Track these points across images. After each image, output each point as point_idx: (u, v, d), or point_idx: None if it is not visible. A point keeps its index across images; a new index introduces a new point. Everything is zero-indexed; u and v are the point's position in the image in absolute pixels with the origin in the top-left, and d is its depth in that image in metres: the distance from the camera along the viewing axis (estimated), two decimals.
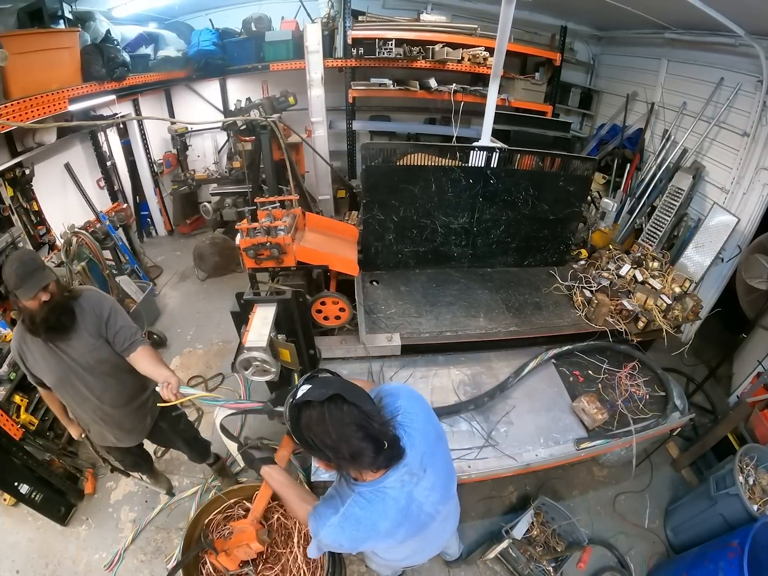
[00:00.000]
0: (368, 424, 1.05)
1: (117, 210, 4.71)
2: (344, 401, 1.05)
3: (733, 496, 2.35)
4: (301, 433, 1.07)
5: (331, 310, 2.43)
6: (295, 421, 1.08)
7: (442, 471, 1.26)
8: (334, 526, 1.16)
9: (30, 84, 3.00)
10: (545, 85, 5.57)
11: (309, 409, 1.06)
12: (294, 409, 1.09)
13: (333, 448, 1.04)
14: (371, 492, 1.13)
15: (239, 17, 5.24)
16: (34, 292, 1.64)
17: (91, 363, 1.86)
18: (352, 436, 1.03)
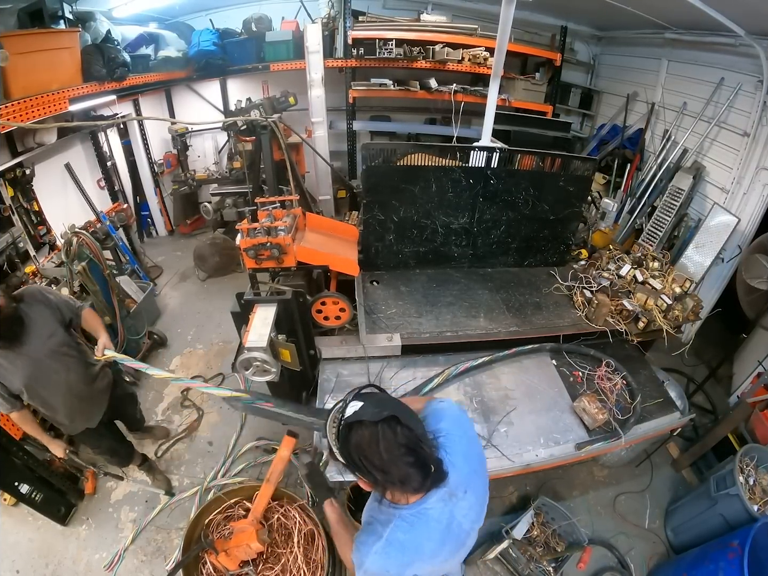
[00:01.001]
0: (419, 449, 1.03)
1: (117, 210, 4.71)
2: (398, 423, 1.02)
3: (734, 496, 2.35)
4: (349, 452, 1.04)
5: (331, 311, 2.43)
6: (343, 439, 1.04)
7: (482, 491, 1.25)
8: (379, 553, 1.12)
9: (30, 84, 3.01)
10: (545, 86, 5.57)
11: (361, 429, 1.03)
12: (345, 428, 1.05)
13: (382, 471, 1.01)
14: (413, 515, 1.11)
15: (239, 17, 5.24)
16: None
17: (53, 348, 2.02)
18: (403, 460, 1.01)
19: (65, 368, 2.09)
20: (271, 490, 1.90)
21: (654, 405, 2.33)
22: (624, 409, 2.26)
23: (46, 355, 1.99)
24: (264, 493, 1.90)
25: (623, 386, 2.32)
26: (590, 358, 2.51)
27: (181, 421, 3.48)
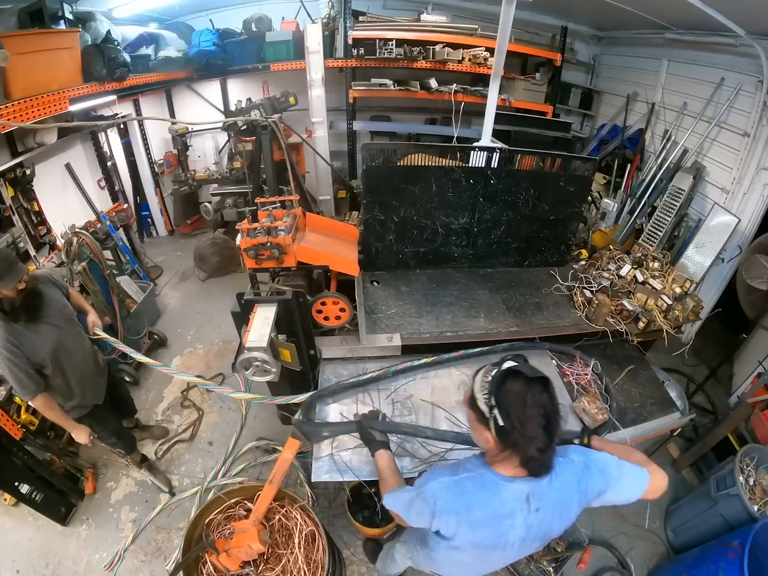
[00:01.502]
0: (554, 421, 1.10)
1: (118, 210, 4.72)
2: (547, 387, 1.11)
3: (734, 496, 2.35)
4: (498, 395, 1.11)
5: (331, 311, 2.43)
6: (498, 383, 1.12)
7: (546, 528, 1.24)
8: (445, 483, 1.21)
9: (31, 84, 3.01)
10: (546, 86, 5.58)
11: (517, 379, 1.11)
12: (501, 375, 1.13)
13: (519, 421, 1.07)
14: (491, 481, 1.18)
15: (240, 17, 5.24)
16: (16, 282, 1.92)
17: (67, 317, 2.28)
18: (537, 421, 1.07)
19: (79, 336, 2.36)
20: (274, 491, 1.90)
21: (654, 405, 2.33)
22: (624, 409, 2.26)
23: (65, 323, 2.24)
24: (266, 494, 1.90)
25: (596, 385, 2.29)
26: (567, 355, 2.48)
27: (181, 421, 3.48)
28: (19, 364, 2.01)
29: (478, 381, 1.19)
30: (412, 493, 1.29)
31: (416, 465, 1.91)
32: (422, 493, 1.25)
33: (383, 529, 2.54)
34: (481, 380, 1.18)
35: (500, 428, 1.10)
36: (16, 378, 2.04)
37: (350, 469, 1.89)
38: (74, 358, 2.27)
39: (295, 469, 2.94)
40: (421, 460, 1.92)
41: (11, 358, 1.99)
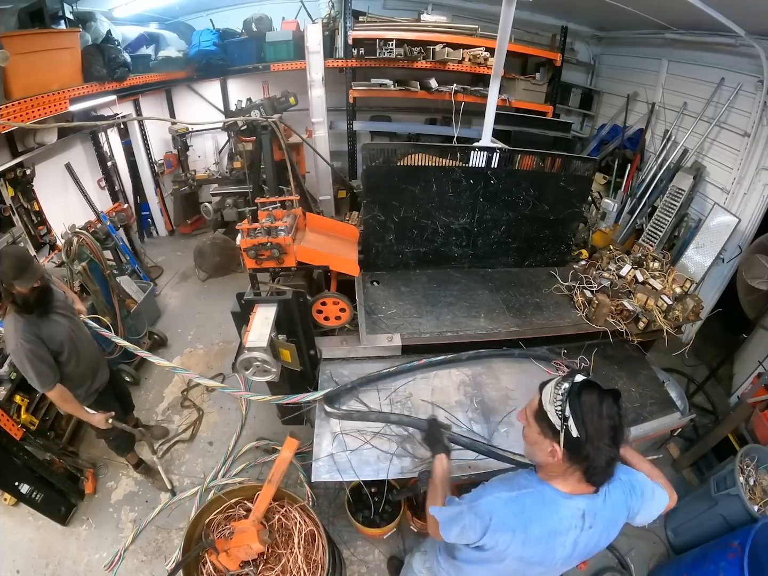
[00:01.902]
0: (621, 432, 1.11)
1: (118, 210, 4.72)
2: (617, 400, 1.13)
3: (734, 496, 2.35)
4: (574, 406, 1.11)
5: (331, 311, 2.43)
6: (575, 394, 1.13)
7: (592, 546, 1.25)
8: (503, 499, 1.21)
9: (31, 84, 3.01)
10: (546, 86, 5.57)
11: (592, 391, 1.13)
12: (577, 386, 1.14)
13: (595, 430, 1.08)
14: (551, 498, 1.18)
15: (240, 17, 5.24)
16: (34, 282, 2.02)
17: (70, 307, 2.41)
18: (606, 434, 1.09)
19: (82, 324, 2.48)
20: (273, 491, 1.90)
21: (654, 405, 2.33)
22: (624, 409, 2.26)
23: (70, 312, 2.37)
24: (265, 494, 1.90)
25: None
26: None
27: (181, 421, 3.49)
28: (39, 353, 2.09)
29: (547, 394, 1.19)
30: (462, 507, 1.27)
31: (417, 465, 1.91)
32: (475, 508, 1.23)
33: (383, 529, 2.54)
34: (552, 393, 1.18)
35: (573, 440, 1.10)
36: (37, 369, 2.09)
37: (350, 470, 1.89)
38: (83, 343, 2.40)
39: (295, 469, 2.94)
40: (422, 459, 1.92)
41: (33, 348, 2.07)
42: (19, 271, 1.96)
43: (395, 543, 2.69)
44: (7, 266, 1.96)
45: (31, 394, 2.79)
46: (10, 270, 1.95)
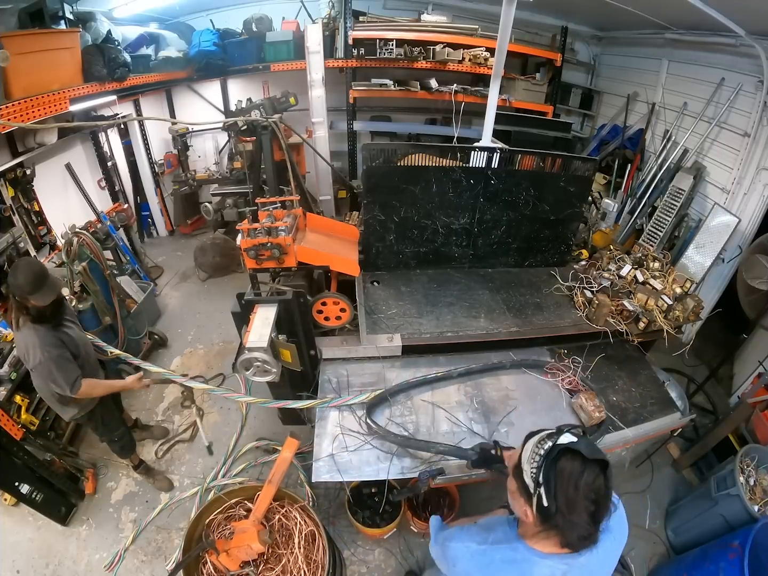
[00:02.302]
0: (604, 507, 1.00)
1: (118, 210, 4.72)
2: (604, 471, 1.01)
3: (734, 496, 2.35)
4: (549, 472, 1.02)
5: (331, 311, 2.43)
6: (551, 460, 1.02)
7: None
8: (470, 550, 1.13)
9: (31, 84, 3.01)
10: (546, 86, 5.57)
11: (573, 459, 1.01)
12: (557, 451, 1.03)
13: (566, 505, 0.98)
14: (523, 557, 1.08)
15: (240, 18, 5.24)
16: (52, 297, 2.02)
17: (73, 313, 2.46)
18: (585, 508, 0.98)
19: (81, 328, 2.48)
20: (273, 491, 1.90)
21: (655, 405, 2.33)
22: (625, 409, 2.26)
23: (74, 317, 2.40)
24: (266, 494, 1.90)
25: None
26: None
27: (181, 421, 3.48)
28: (66, 356, 2.11)
29: (528, 450, 1.09)
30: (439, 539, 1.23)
31: (417, 465, 1.91)
32: (445, 549, 1.19)
33: (383, 529, 2.54)
34: (531, 450, 1.07)
35: (543, 508, 1.01)
36: (65, 373, 2.10)
37: (350, 470, 1.89)
38: (88, 347, 2.44)
39: (295, 469, 2.94)
40: (422, 460, 1.92)
41: (60, 353, 2.08)
42: (36, 286, 1.94)
43: (395, 543, 2.69)
44: (23, 281, 1.93)
45: (31, 395, 2.79)
46: (26, 285, 1.93)
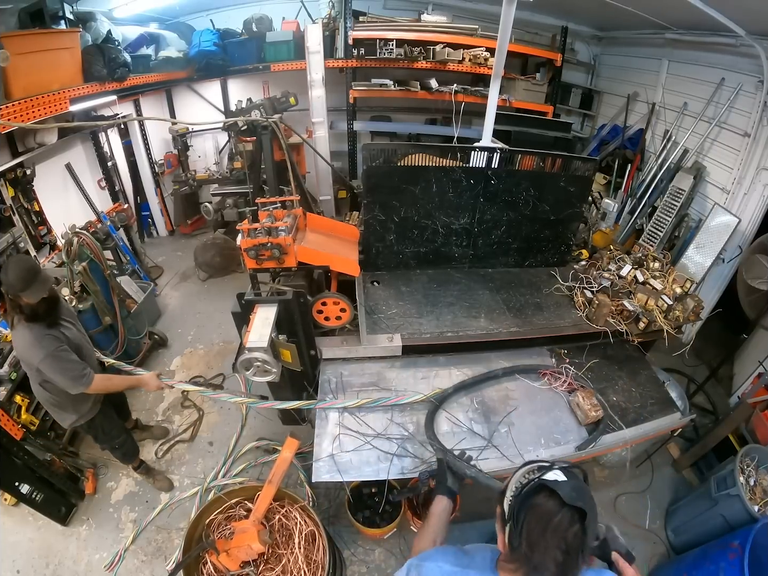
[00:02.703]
0: (573, 559, 0.92)
1: (118, 210, 4.72)
2: (581, 522, 0.93)
3: (734, 496, 2.35)
4: (519, 506, 0.98)
5: (332, 311, 2.43)
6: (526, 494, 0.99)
7: None
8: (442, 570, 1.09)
9: (31, 84, 3.01)
10: (546, 86, 5.58)
11: (549, 499, 0.95)
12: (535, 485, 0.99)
13: (530, 545, 0.93)
14: None
15: (240, 18, 5.25)
16: (43, 293, 1.96)
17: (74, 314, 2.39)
18: (552, 554, 0.91)
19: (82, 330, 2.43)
20: (273, 491, 1.90)
21: (655, 405, 2.33)
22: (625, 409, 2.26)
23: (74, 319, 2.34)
24: (266, 494, 1.90)
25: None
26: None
27: (181, 421, 3.49)
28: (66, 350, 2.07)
29: (516, 477, 1.06)
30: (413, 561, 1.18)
31: (417, 465, 1.91)
32: (420, 569, 1.13)
33: (383, 529, 2.54)
34: (518, 478, 1.04)
35: (511, 541, 0.98)
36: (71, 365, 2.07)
37: (350, 470, 1.89)
38: (88, 349, 2.38)
39: (295, 469, 2.94)
40: (422, 460, 1.92)
41: (59, 346, 2.03)
42: (27, 282, 1.89)
43: (395, 543, 2.69)
44: (13, 277, 1.89)
45: (31, 395, 2.79)
46: (17, 281, 1.89)
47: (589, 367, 2.48)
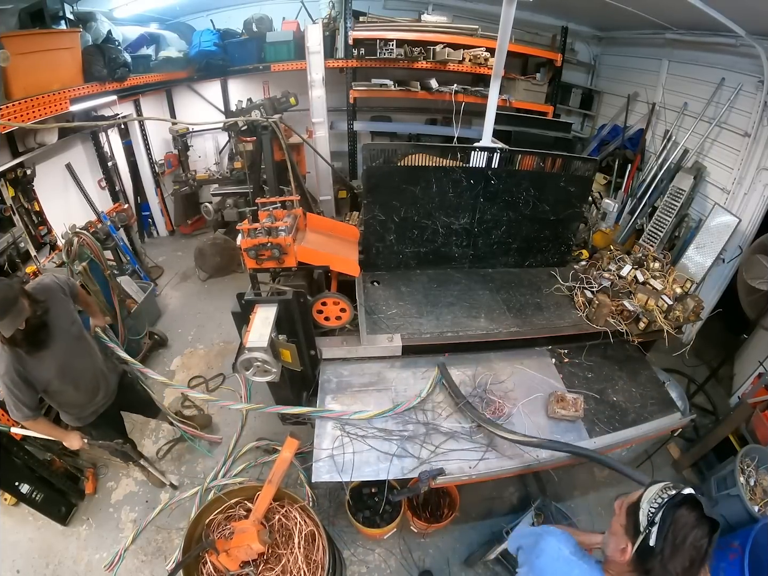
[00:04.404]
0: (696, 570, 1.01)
1: (118, 210, 4.72)
2: (712, 533, 1.02)
3: (734, 497, 2.35)
4: (665, 513, 1.05)
5: (332, 311, 2.43)
6: (673, 503, 1.05)
7: None
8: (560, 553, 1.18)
9: (31, 84, 3.01)
10: (546, 86, 5.57)
11: (694, 509, 1.04)
12: (682, 497, 1.06)
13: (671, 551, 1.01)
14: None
15: (240, 18, 5.25)
16: (12, 329, 1.79)
17: (75, 333, 2.19)
18: (682, 562, 1.00)
19: (87, 352, 2.29)
20: (273, 491, 1.90)
21: (655, 405, 2.33)
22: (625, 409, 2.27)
23: (71, 344, 2.16)
24: (266, 494, 1.89)
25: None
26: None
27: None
28: (17, 393, 1.96)
29: (651, 492, 1.12)
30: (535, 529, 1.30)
31: (417, 465, 1.91)
32: (540, 539, 1.23)
33: (383, 529, 2.54)
34: (656, 493, 1.11)
35: (647, 548, 1.03)
36: (13, 402, 1.99)
37: (350, 470, 1.89)
38: (84, 373, 2.25)
39: (295, 469, 2.94)
40: (422, 460, 1.93)
41: (10, 386, 1.94)
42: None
43: (395, 543, 2.69)
44: None
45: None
46: None
47: (590, 368, 2.48)
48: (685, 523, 1.02)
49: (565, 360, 2.51)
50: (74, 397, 2.25)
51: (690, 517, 1.02)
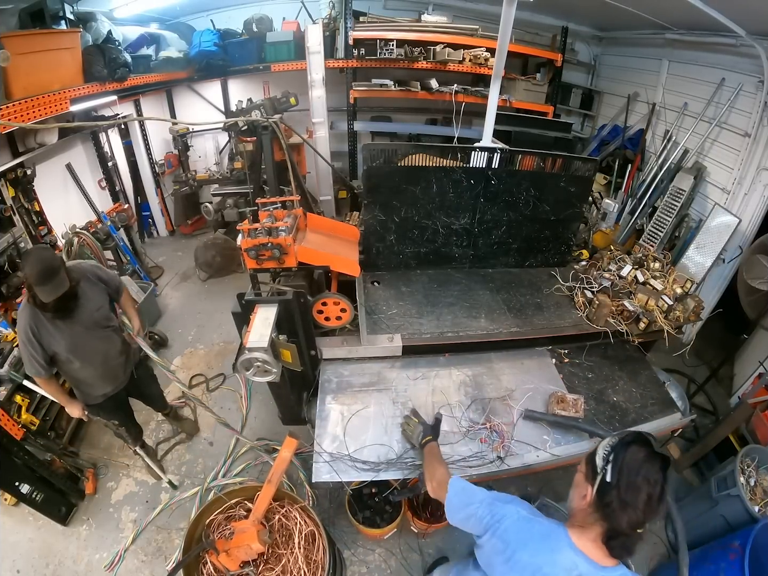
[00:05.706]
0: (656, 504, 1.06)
1: (118, 210, 4.72)
2: (665, 468, 1.08)
3: (734, 497, 2.35)
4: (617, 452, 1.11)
5: (332, 311, 2.43)
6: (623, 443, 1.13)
7: None
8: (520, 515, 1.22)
9: (31, 84, 3.01)
10: (546, 86, 5.57)
11: (644, 446, 1.11)
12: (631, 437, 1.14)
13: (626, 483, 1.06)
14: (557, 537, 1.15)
15: (240, 18, 5.25)
16: (53, 297, 1.93)
17: (97, 321, 2.25)
18: (641, 494, 1.05)
19: (105, 339, 2.35)
20: (273, 490, 1.90)
21: (655, 405, 2.33)
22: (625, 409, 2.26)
23: (89, 327, 2.22)
24: (265, 494, 1.90)
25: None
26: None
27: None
28: (30, 350, 2.09)
29: (606, 440, 1.19)
30: (484, 497, 1.31)
31: (417, 465, 1.91)
32: (495, 507, 1.26)
33: (383, 529, 2.54)
34: (609, 440, 1.18)
35: (605, 485, 1.09)
36: (27, 357, 2.12)
37: (350, 470, 1.89)
38: (94, 357, 2.31)
39: (295, 469, 2.94)
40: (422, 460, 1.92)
41: (26, 342, 2.08)
42: (40, 280, 1.89)
43: (395, 543, 2.69)
44: (29, 271, 1.90)
45: (31, 395, 2.80)
46: (31, 276, 1.90)
47: (590, 368, 2.48)
48: (636, 458, 1.09)
49: (565, 360, 2.51)
50: (80, 374, 2.33)
51: (640, 452, 1.10)
